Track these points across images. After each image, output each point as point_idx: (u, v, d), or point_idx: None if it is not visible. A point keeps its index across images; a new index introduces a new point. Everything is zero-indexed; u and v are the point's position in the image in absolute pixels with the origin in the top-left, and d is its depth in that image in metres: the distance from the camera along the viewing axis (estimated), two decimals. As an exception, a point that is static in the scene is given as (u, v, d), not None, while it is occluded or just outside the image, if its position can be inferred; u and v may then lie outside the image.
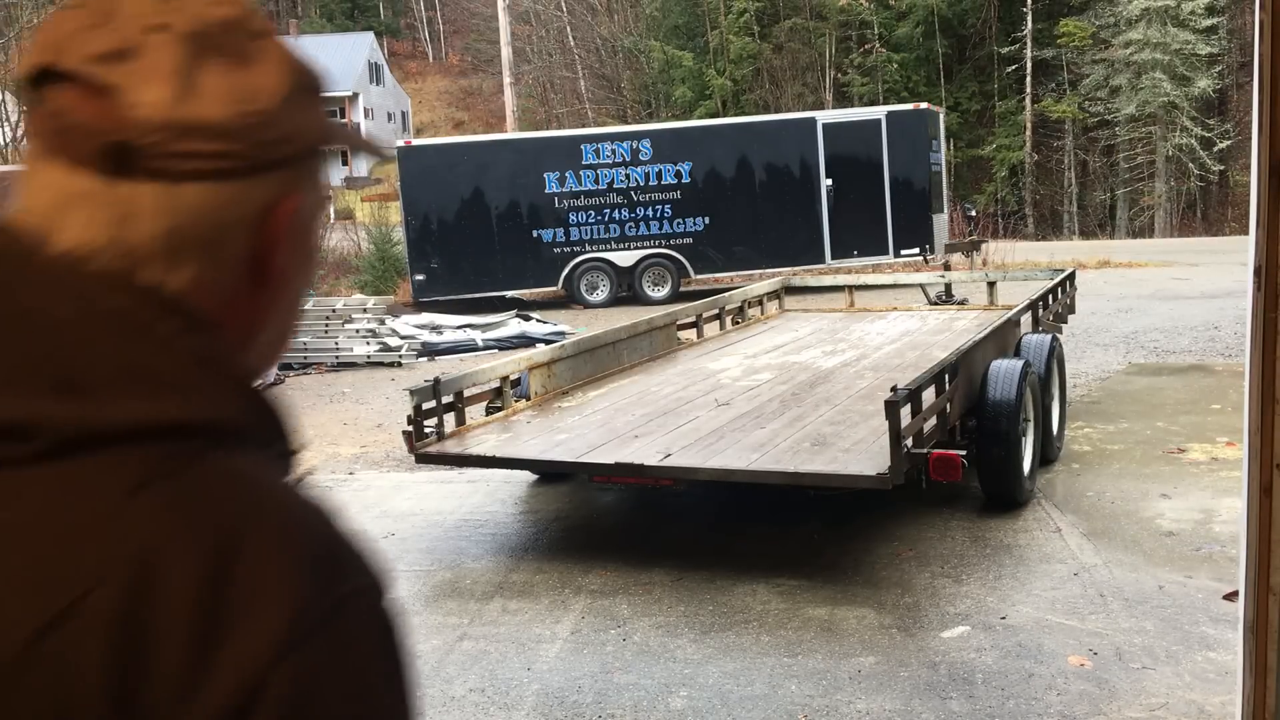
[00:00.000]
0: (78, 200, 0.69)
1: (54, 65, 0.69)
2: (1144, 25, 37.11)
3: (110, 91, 0.68)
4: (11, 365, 0.65)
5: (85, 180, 0.69)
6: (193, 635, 0.60)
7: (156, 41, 0.69)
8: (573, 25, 48.40)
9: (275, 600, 0.63)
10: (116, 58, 0.69)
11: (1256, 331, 2.24)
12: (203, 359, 0.71)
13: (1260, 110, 2.17)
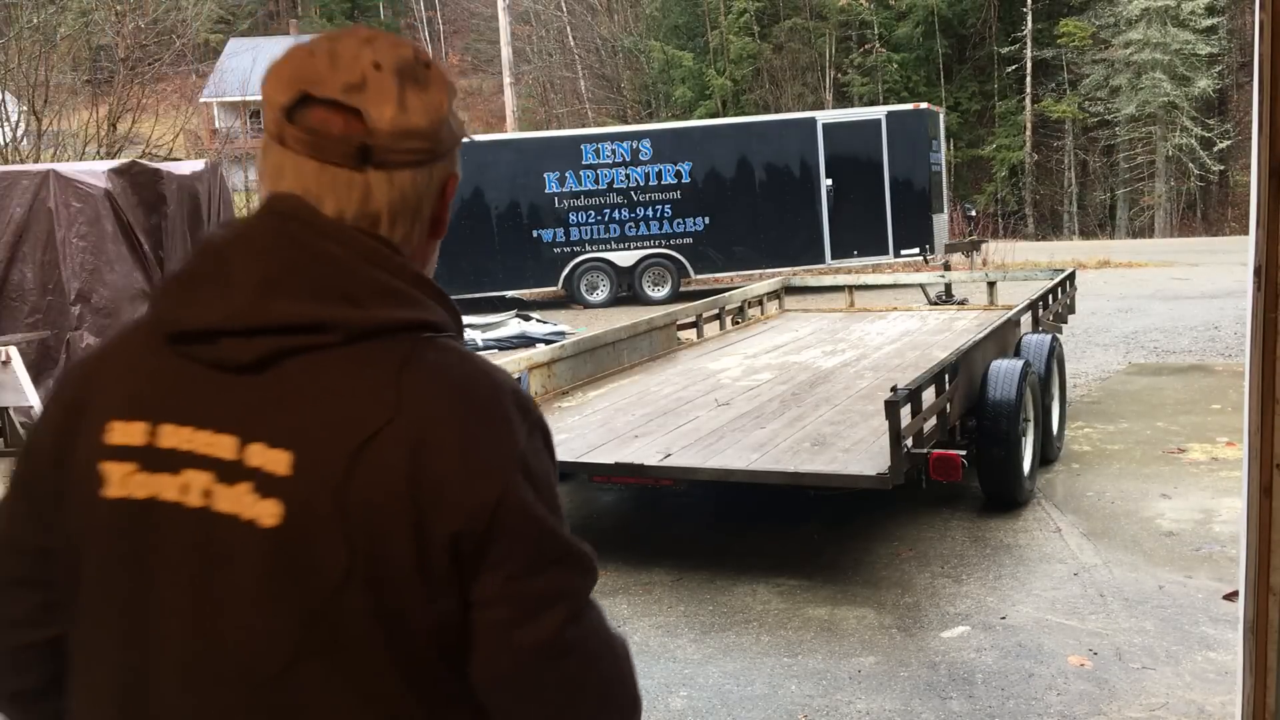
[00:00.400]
0: (332, 184, 1.07)
1: (310, 94, 1.05)
2: (1144, 25, 37.10)
3: (357, 112, 1.05)
4: (313, 286, 1.03)
5: (336, 171, 1.06)
6: (462, 448, 1.01)
7: (377, 76, 1.06)
8: (573, 25, 48.39)
9: (508, 423, 1.05)
10: (356, 89, 1.05)
11: (1256, 331, 2.24)
12: (419, 281, 1.08)
13: (1260, 110, 2.17)
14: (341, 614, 1.00)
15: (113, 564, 1.06)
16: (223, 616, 1.02)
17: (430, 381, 1.04)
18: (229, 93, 29.52)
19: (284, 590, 1.00)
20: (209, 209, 11.36)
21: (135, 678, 1.05)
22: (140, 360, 1.09)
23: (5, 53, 17.78)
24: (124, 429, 1.06)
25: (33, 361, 9.26)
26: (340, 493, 0.99)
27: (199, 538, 1.02)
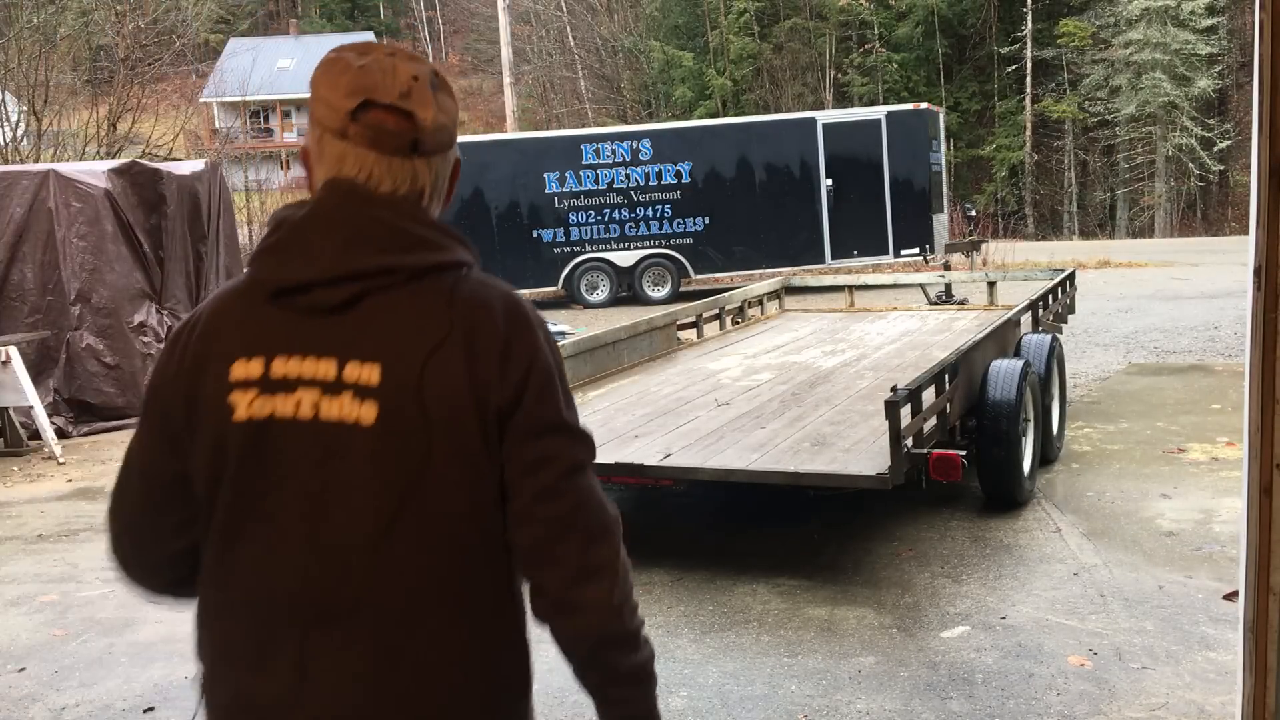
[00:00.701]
0: (389, 169, 1.43)
1: (372, 100, 1.40)
2: (1144, 25, 37.10)
3: (409, 113, 1.42)
4: (378, 243, 1.39)
5: (392, 159, 1.42)
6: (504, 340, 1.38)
7: (418, 86, 1.43)
8: (573, 25, 48.38)
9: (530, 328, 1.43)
10: (405, 96, 1.41)
11: (1256, 331, 2.24)
12: (448, 233, 1.46)
13: (1260, 110, 2.17)
14: (428, 482, 1.37)
15: (245, 471, 1.41)
16: (337, 495, 1.38)
17: (472, 303, 1.41)
18: (229, 93, 29.50)
19: (385, 470, 1.37)
20: (209, 209, 11.36)
21: (266, 550, 1.40)
22: (248, 314, 1.44)
23: (5, 53, 17.78)
24: (244, 366, 1.41)
25: (33, 361, 9.26)
26: (419, 391, 1.37)
27: (312, 440, 1.38)
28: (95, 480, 7.86)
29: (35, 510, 7.07)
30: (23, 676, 4.34)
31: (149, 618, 4.93)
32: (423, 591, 1.40)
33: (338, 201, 1.43)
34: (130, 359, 9.96)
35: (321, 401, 1.39)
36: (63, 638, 4.74)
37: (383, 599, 1.39)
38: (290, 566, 1.40)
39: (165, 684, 4.19)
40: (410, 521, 1.38)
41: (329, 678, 1.40)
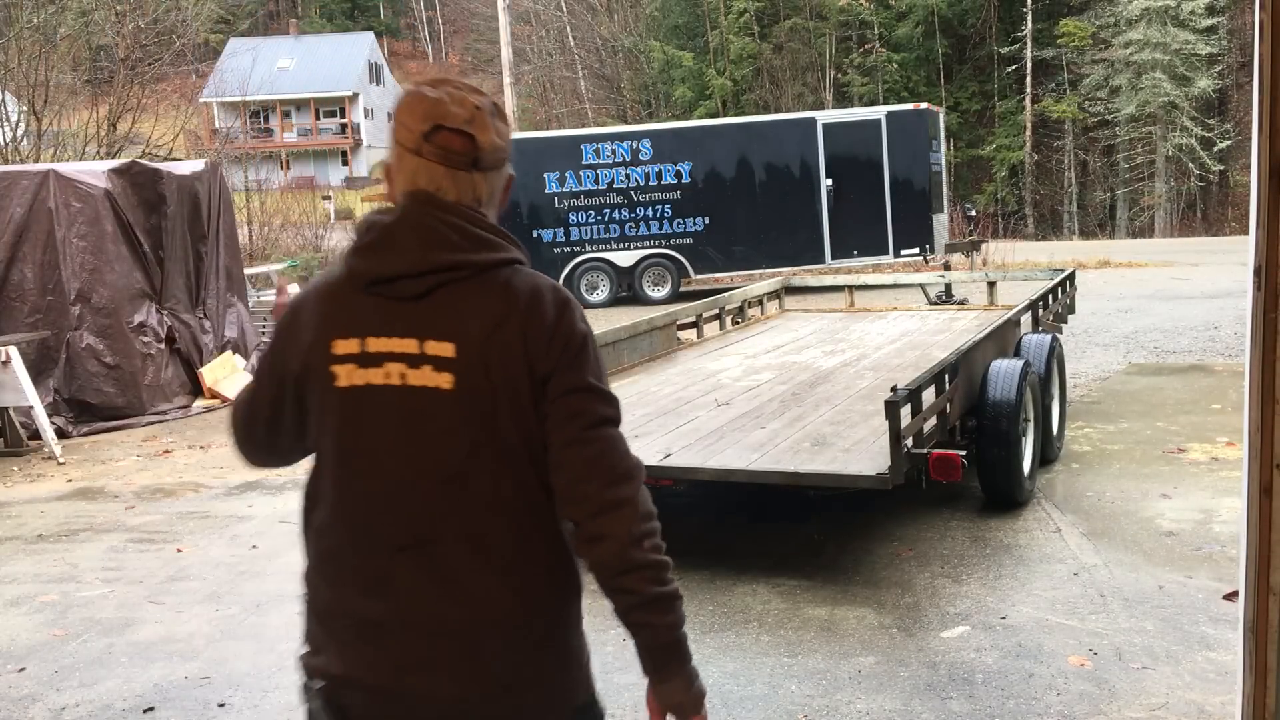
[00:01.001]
0: (454, 181, 1.75)
1: (442, 125, 1.73)
2: (1144, 25, 37.10)
3: (471, 136, 1.74)
4: (451, 244, 1.71)
5: (457, 173, 1.75)
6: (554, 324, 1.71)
7: (479, 114, 1.75)
8: (573, 25, 48.38)
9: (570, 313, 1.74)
10: (469, 122, 1.74)
11: (1256, 331, 2.24)
12: (505, 235, 1.78)
13: (1260, 110, 2.17)
14: (497, 431, 1.72)
15: (347, 426, 1.77)
16: (422, 445, 1.73)
17: (525, 293, 1.74)
18: (229, 93, 29.48)
19: (461, 425, 1.72)
20: (209, 209, 11.35)
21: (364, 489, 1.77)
22: (345, 301, 1.78)
23: (5, 53, 17.77)
24: (344, 344, 1.77)
25: (33, 361, 9.26)
26: (484, 363, 1.71)
27: (401, 402, 1.73)
28: (95, 480, 7.86)
29: (35, 510, 7.07)
30: (23, 676, 4.35)
31: (149, 618, 4.93)
32: (491, 520, 1.75)
33: (418, 209, 1.75)
34: (130, 359, 9.96)
35: (407, 372, 1.74)
36: (63, 638, 4.74)
37: (458, 527, 1.74)
38: (383, 502, 1.76)
39: (165, 684, 4.19)
40: (482, 465, 1.74)
41: (412, 590, 1.74)
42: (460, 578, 1.74)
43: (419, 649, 1.74)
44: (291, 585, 5.22)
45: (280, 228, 25.81)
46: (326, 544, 1.83)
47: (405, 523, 1.75)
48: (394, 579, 1.75)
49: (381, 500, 1.76)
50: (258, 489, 7.31)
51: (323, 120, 60.14)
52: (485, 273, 1.75)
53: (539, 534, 1.78)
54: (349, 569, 1.79)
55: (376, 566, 1.76)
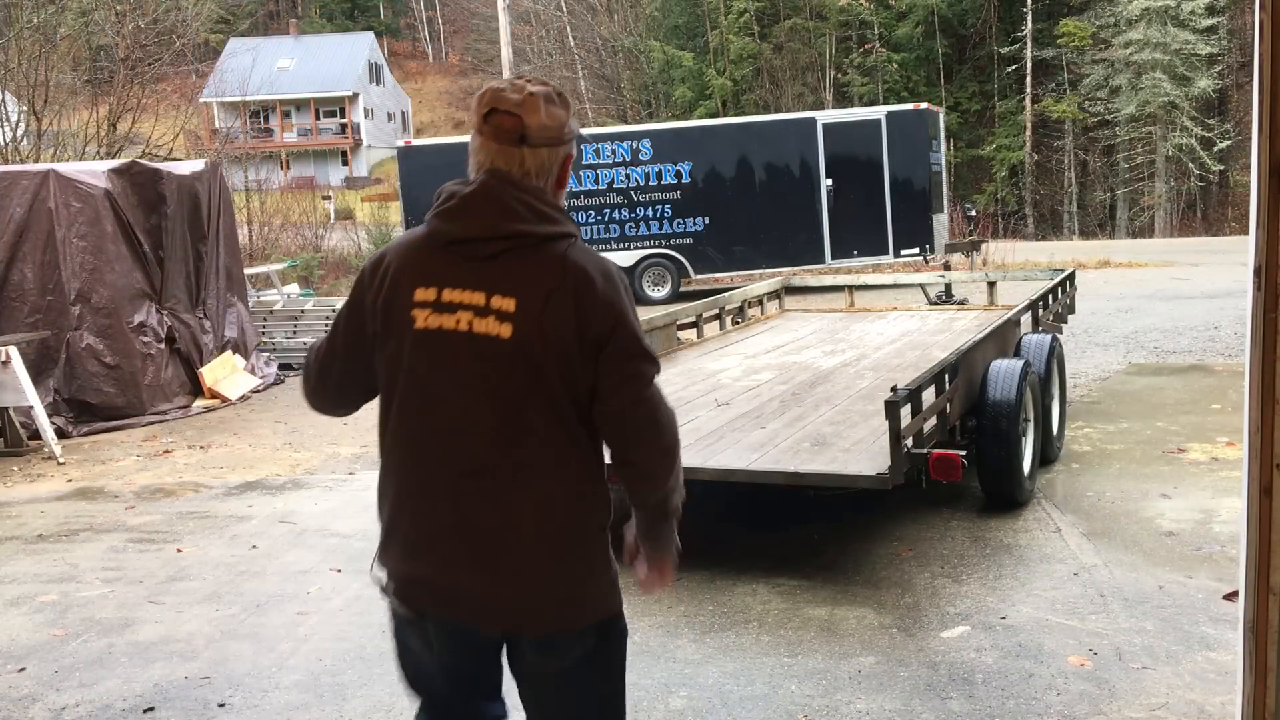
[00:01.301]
0: (503, 153, 2.11)
1: (496, 108, 2.10)
2: (1144, 25, 37.09)
3: (519, 116, 2.10)
4: (519, 215, 2.07)
5: (506, 148, 2.11)
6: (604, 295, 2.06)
7: (532, 99, 2.12)
8: (573, 25, 48.37)
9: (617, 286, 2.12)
10: (519, 105, 2.10)
11: (1256, 331, 2.24)
12: (563, 211, 2.14)
13: (1260, 110, 2.17)
14: (545, 376, 2.06)
15: (420, 363, 2.12)
16: (484, 384, 2.08)
17: (579, 265, 2.09)
18: (229, 93, 29.46)
19: (517, 369, 2.06)
20: (209, 209, 11.35)
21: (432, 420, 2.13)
22: (427, 256, 2.14)
23: (5, 53, 17.77)
24: (423, 292, 2.12)
25: (33, 361, 9.26)
26: (540, 319, 2.05)
27: (467, 345, 2.08)
28: (95, 480, 7.87)
29: (35, 510, 7.08)
30: (23, 676, 4.35)
31: (149, 618, 4.93)
32: (536, 452, 2.11)
33: (495, 184, 2.11)
34: (130, 359, 9.96)
35: (474, 320, 2.08)
36: (63, 638, 4.74)
37: (510, 456, 2.10)
38: (448, 433, 2.12)
39: (165, 684, 4.19)
40: (531, 405, 2.09)
41: (470, 508, 2.12)
42: (509, 499, 2.11)
43: (470, 555, 2.13)
44: (292, 585, 5.23)
45: (280, 228, 25.81)
46: (397, 467, 2.20)
47: (466, 451, 2.12)
48: (455, 498, 2.13)
49: (446, 431, 2.12)
50: (258, 489, 7.31)
51: (323, 120, 60.13)
52: (545, 243, 2.11)
53: (574, 465, 2.15)
54: (416, 489, 2.17)
55: (440, 487, 2.14)
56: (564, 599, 2.16)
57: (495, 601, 2.14)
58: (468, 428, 2.10)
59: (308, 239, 26.99)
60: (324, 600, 5.04)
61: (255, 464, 8.12)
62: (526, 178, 2.13)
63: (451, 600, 2.16)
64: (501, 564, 2.12)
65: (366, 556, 5.80)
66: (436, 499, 2.13)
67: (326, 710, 3.90)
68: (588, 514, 2.18)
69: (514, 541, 2.12)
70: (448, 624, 2.21)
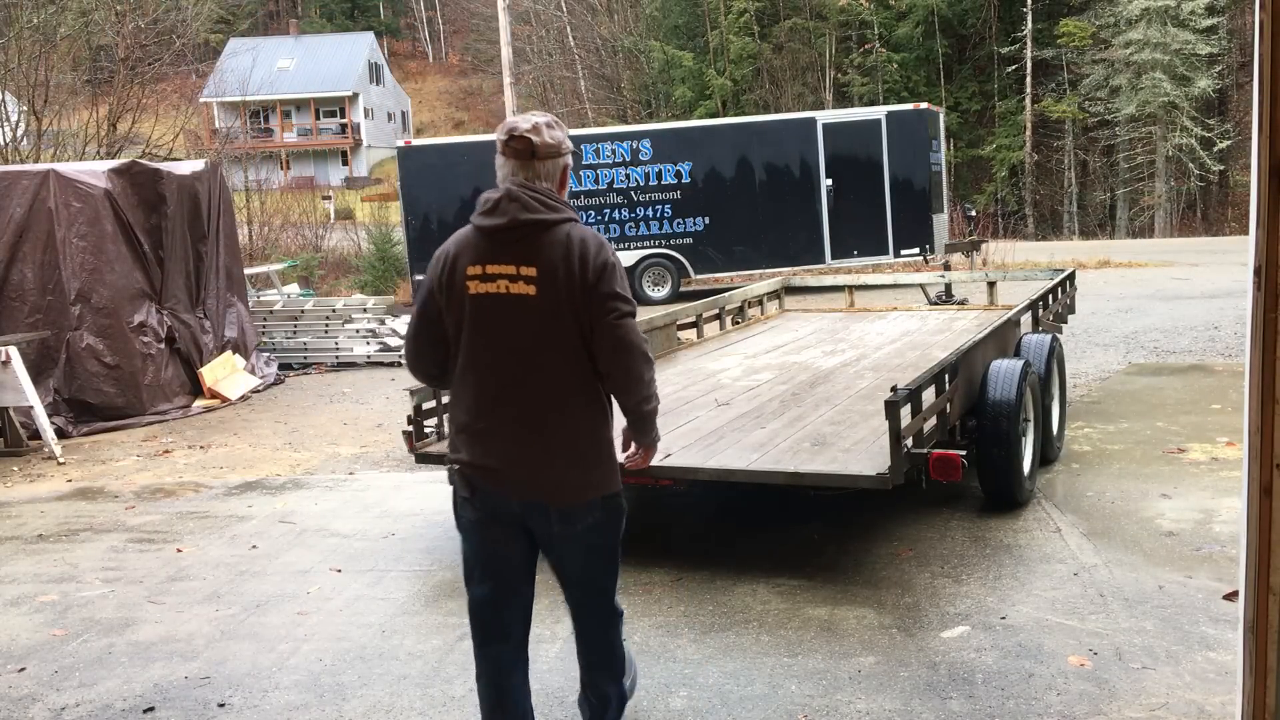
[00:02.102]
0: (521, 167, 3.03)
1: (513, 133, 3.04)
2: (1144, 25, 37.08)
3: (527, 138, 3.02)
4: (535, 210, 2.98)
5: (520, 161, 3.04)
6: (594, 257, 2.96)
7: (537, 125, 3.07)
8: (573, 25, 48.36)
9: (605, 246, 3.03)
10: (530, 130, 3.05)
11: (1256, 331, 2.24)
12: (565, 203, 3.07)
13: (1260, 110, 2.17)
14: (561, 319, 2.92)
15: (474, 320, 2.97)
16: (519, 330, 2.95)
17: (578, 237, 2.96)
18: (229, 93, 29.47)
19: (540, 316, 2.93)
20: (209, 209, 11.36)
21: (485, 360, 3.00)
22: (474, 243, 3.00)
23: (5, 53, 17.76)
24: (473, 268, 2.97)
25: (33, 361, 9.27)
26: (554, 280, 2.91)
27: (506, 304, 2.94)
28: (95, 480, 7.87)
29: (35, 510, 7.08)
30: (23, 676, 4.35)
31: (149, 618, 4.93)
32: (557, 376, 2.99)
33: (515, 189, 3.01)
34: (130, 359, 9.96)
35: (509, 285, 2.96)
36: (63, 638, 4.74)
37: (538, 379, 2.99)
38: (496, 368, 3.01)
39: (165, 684, 4.19)
40: (552, 343, 2.97)
41: (510, 415, 3.01)
42: (537, 409, 3.01)
43: (512, 446, 3.03)
44: (292, 585, 5.23)
45: (280, 228, 25.83)
46: (462, 390, 3.09)
47: (509, 377, 3.01)
48: (501, 409, 3.02)
49: (495, 363, 3.01)
50: (258, 489, 7.31)
51: (323, 120, 60.13)
52: (554, 226, 2.99)
53: (584, 386, 3.04)
54: (475, 403, 3.06)
55: (491, 402, 3.03)
56: (577, 480, 3.04)
57: (529, 481, 3.03)
58: (510, 361, 2.99)
59: (308, 239, 27.00)
60: (324, 600, 5.04)
61: (255, 464, 8.12)
62: (537, 181, 3.03)
63: (499, 479, 3.04)
64: (533, 454, 3.01)
65: (366, 556, 5.81)
66: (489, 410, 3.03)
67: (326, 710, 3.90)
68: (594, 418, 3.06)
69: (541, 438, 3.01)
70: (493, 498, 3.06)
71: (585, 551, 3.11)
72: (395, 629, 4.63)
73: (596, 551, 3.13)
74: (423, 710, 3.85)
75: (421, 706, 3.88)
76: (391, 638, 4.53)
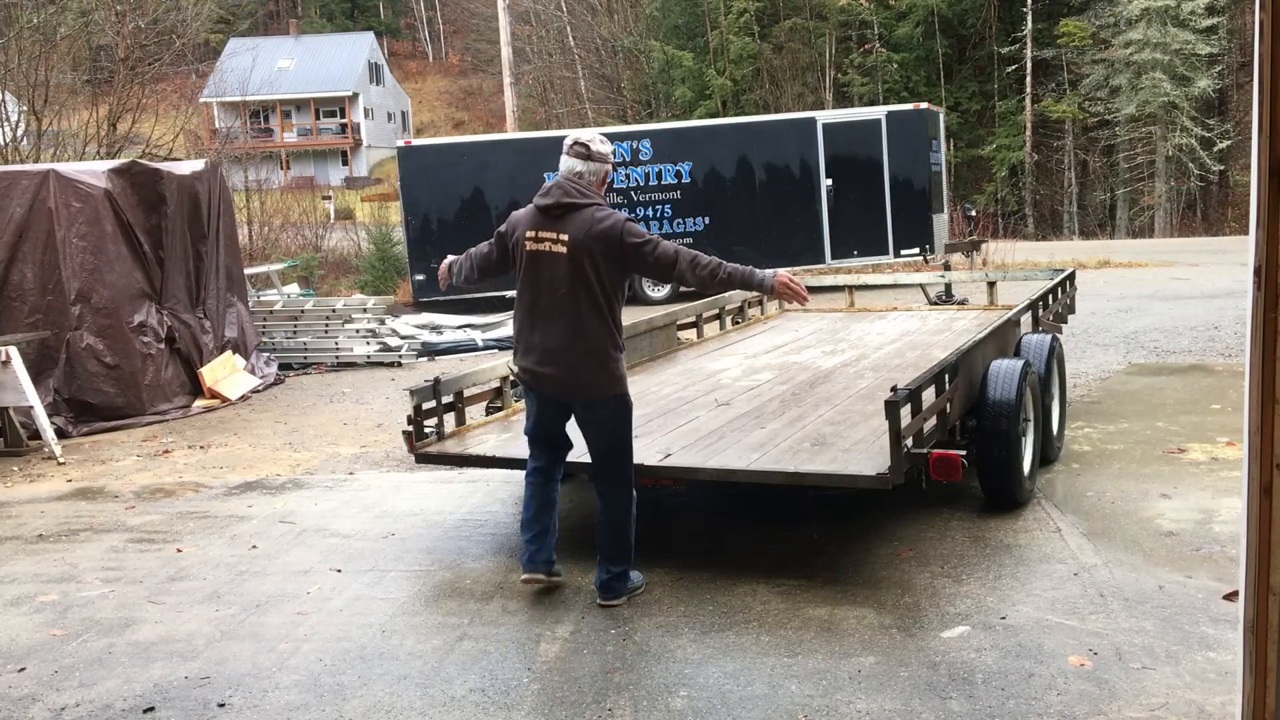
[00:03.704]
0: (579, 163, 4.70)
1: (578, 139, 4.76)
2: (1144, 25, 37.08)
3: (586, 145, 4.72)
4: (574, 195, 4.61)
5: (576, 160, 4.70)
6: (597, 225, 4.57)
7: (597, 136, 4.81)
8: (573, 25, 48.35)
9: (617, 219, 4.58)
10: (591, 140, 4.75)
11: (1256, 331, 2.24)
12: (597, 193, 4.68)
13: (1260, 110, 2.17)
14: (584, 271, 4.51)
15: (529, 269, 4.62)
16: (557, 276, 4.54)
17: (598, 216, 4.54)
18: (229, 93, 29.47)
19: (570, 267, 4.52)
20: (209, 209, 11.36)
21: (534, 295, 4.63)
22: (532, 216, 4.65)
23: (5, 53, 17.76)
24: (530, 233, 4.61)
25: (33, 361, 9.27)
26: (579, 243, 4.51)
27: (549, 259, 4.56)
28: (95, 480, 7.87)
29: (35, 510, 7.08)
30: (23, 676, 4.35)
31: (149, 618, 4.93)
32: (583, 309, 4.49)
33: (563, 180, 4.61)
34: (130, 359, 9.96)
35: (552, 246, 4.51)
36: (63, 638, 4.74)
37: (569, 311, 4.50)
38: (542, 299, 4.56)
39: (165, 684, 4.20)
40: (579, 284, 4.49)
41: (553, 336, 4.54)
42: (569, 332, 4.50)
43: (552, 358, 4.54)
44: (292, 585, 5.23)
45: (280, 228, 25.82)
46: (520, 315, 4.65)
47: (550, 308, 4.53)
48: (546, 329, 4.54)
49: (540, 298, 4.55)
50: (258, 489, 7.32)
51: (323, 120, 60.14)
52: (584, 208, 4.51)
53: (603, 319, 4.52)
54: (529, 326, 4.61)
55: (539, 324, 4.56)
56: (595, 382, 4.54)
57: (563, 382, 4.56)
58: (551, 296, 4.51)
59: (308, 239, 26.99)
60: (324, 600, 5.04)
61: (255, 464, 8.12)
62: (581, 178, 4.61)
63: (543, 381, 4.59)
64: (565, 364, 4.52)
65: (366, 556, 5.80)
66: (538, 330, 4.57)
67: (326, 710, 3.90)
68: (610, 342, 4.55)
69: (571, 353, 4.51)
70: (542, 394, 4.64)
71: (602, 432, 4.64)
72: (395, 629, 4.63)
73: (610, 433, 4.64)
74: (423, 710, 3.85)
75: (421, 706, 3.88)
76: (391, 638, 4.53)
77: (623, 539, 4.72)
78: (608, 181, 4.69)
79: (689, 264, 4.52)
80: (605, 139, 4.68)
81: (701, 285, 4.64)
